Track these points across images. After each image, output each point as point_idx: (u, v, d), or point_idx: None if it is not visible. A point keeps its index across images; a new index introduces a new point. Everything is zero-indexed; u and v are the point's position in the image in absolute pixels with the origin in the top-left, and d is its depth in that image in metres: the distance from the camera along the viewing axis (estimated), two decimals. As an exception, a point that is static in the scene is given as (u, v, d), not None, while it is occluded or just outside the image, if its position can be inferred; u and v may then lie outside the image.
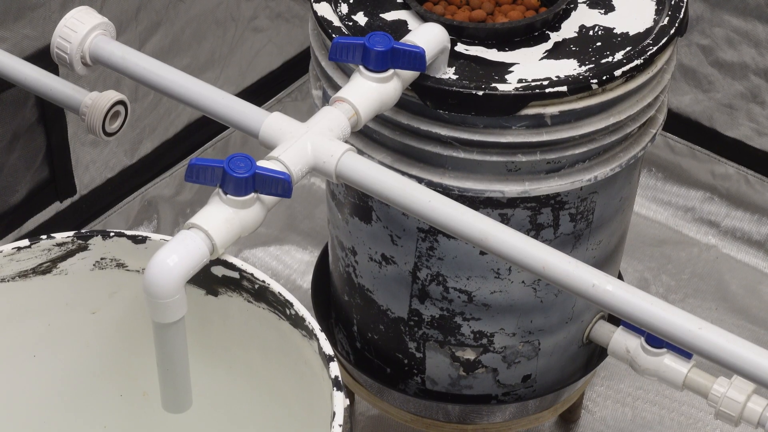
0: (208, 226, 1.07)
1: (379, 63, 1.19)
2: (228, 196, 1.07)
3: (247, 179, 1.06)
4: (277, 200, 1.11)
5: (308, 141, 1.14)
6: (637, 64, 1.26)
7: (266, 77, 2.09)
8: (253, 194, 1.08)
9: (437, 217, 1.10)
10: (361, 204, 1.41)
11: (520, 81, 1.25)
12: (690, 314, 1.00)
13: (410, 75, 1.22)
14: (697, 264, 2.05)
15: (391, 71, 1.20)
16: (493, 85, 1.24)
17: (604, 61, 1.27)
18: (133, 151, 1.90)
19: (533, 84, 1.24)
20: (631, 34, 1.31)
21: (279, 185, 1.07)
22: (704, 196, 2.10)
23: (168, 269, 1.05)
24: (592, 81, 1.24)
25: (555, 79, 1.25)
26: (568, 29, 1.33)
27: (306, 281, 1.99)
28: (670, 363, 1.44)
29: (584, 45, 1.30)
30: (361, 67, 1.20)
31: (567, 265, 1.03)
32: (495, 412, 1.54)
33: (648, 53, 1.27)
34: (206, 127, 2.00)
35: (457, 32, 1.31)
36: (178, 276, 1.06)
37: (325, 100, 1.35)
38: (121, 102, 1.30)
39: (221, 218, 1.07)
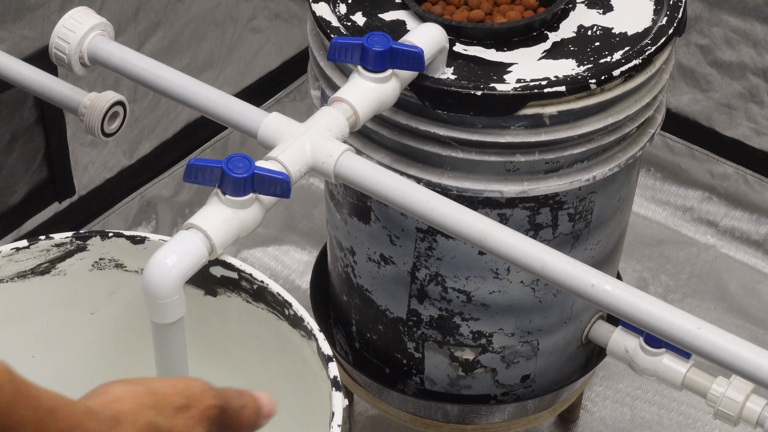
0: (207, 227, 1.07)
1: (377, 63, 1.19)
2: (227, 196, 1.07)
3: (246, 179, 1.06)
4: (276, 200, 1.11)
5: (307, 141, 1.14)
6: (635, 64, 1.26)
7: (265, 77, 2.09)
8: (251, 194, 1.08)
9: (436, 217, 1.10)
10: (359, 204, 1.41)
11: (518, 81, 1.25)
12: (689, 314, 1.00)
13: (409, 75, 1.22)
14: (696, 264, 2.05)
15: (389, 71, 1.20)
16: (492, 85, 1.24)
17: (602, 61, 1.27)
18: (132, 152, 1.90)
19: (532, 84, 1.24)
20: (629, 34, 1.31)
21: (277, 185, 1.07)
22: (703, 195, 2.10)
23: (167, 269, 1.05)
24: (590, 81, 1.24)
25: (553, 79, 1.25)
26: (567, 29, 1.33)
27: (305, 281, 1.99)
28: (668, 363, 1.45)
29: (583, 45, 1.30)
30: (359, 68, 1.20)
31: (566, 265, 1.03)
32: (494, 412, 1.54)
33: (646, 53, 1.27)
34: (205, 128, 2.00)
35: (455, 32, 1.31)
36: (176, 276, 1.05)
37: (324, 100, 1.35)
38: (119, 102, 1.30)
39: (220, 218, 1.07)
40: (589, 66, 1.27)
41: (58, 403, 0.71)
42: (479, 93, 1.23)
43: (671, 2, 1.33)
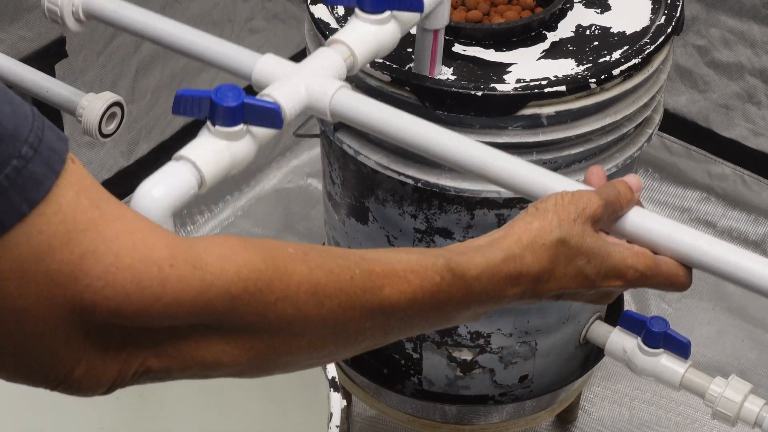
0: (196, 158, 1.02)
1: (374, 3, 1.14)
2: (217, 127, 1.02)
3: (235, 108, 1.01)
4: (269, 135, 1.06)
5: (302, 80, 1.09)
6: (635, 63, 1.26)
7: (262, 78, 2.09)
8: (242, 126, 1.03)
9: (435, 148, 1.05)
10: (357, 205, 1.41)
11: (518, 81, 1.25)
12: (699, 231, 0.95)
13: (409, 18, 1.17)
14: (694, 264, 2.05)
15: (387, 13, 1.15)
16: (492, 85, 1.24)
17: (601, 60, 1.27)
18: (130, 153, 1.90)
19: (532, 84, 1.24)
20: (627, 33, 1.31)
21: (268, 115, 1.01)
22: (701, 196, 2.11)
23: (152, 199, 1.01)
24: (590, 80, 1.24)
25: (553, 78, 1.25)
26: (565, 29, 1.33)
27: (302, 282, 1.98)
28: (666, 363, 1.44)
29: (581, 44, 1.30)
30: (357, 10, 1.15)
31: (571, 188, 0.96)
32: (492, 413, 1.54)
33: (645, 52, 1.27)
34: (202, 129, 2.00)
35: (453, 32, 1.31)
36: (164, 206, 1.01)
37: (322, 100, 1.35)
38: (117, 103, 1.30)
39: (210, 150, 1.02)
40: (589, 65, 1.27)
41: (482, 271, 0.83)
42: (480, 93, 1.23)
43: (669, 1, 1.33)
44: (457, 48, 1.30)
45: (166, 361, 0.69)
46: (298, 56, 2.12)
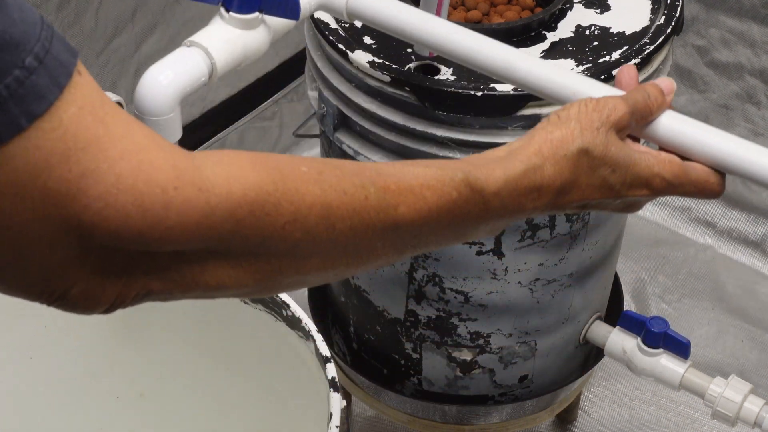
0: (209, 44, 0.98)
1: None
2: (231, 14, 0.99)
3: None
4: (284, 28, 1.03)
5: None
6: (634, 63, 1.26)
7: (262, 78, 2.09)
8: (257, 14, 0.99)
9: (457, 49, 1.02)
10: (357, 205, 1.40)
11: (517, 81, 1.25)
12: (735, 136, 0.92)
13: None
14: (694, 264, 2.05)
15: None
16: (492, 85, 1.24)
17: (601, 60, 1.27)
18: (129, 153, 1.90)
19: (530, 84, 1.24)
20: (627, 33, 1.31)
21: (286, 3, 0.98)
22: (701, 196, 2.10)
23: (160, 85, 0.98)
24: (589, 81, 1.24)
25: (552, 79, 1.25)
26: (565, 29, 1.33)
27: (302, 282, 1.98)
28: (666, 363, 1.44)
29: (581, 45, 1.30)
30: None
31: (600, 91, 0.95)
32: (492, 413, 1.54)
33: (645, 52, 1.27)
34: (201, 130, 2.00)
35: (453, 33, 1.30)
36: (171, 93, 0.98)
37: (322, 100, 1.35)
38: (117, 104, 1.30)
39: (223, 38, 0.99)
40: (588, 66, 1.27)
41: (502, 185, 0.81)
42: (479, 93, 1.23)
43: (668, 1, 1.34)
44: (457, 48, 1.30)
45: (169, 284, 0.67)
46: (298, 56, 2.13)
